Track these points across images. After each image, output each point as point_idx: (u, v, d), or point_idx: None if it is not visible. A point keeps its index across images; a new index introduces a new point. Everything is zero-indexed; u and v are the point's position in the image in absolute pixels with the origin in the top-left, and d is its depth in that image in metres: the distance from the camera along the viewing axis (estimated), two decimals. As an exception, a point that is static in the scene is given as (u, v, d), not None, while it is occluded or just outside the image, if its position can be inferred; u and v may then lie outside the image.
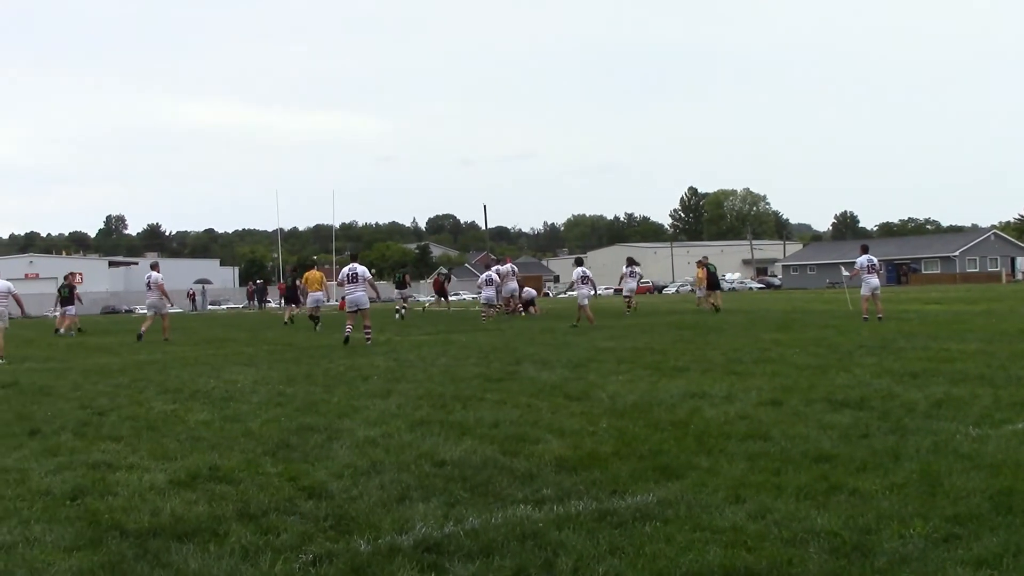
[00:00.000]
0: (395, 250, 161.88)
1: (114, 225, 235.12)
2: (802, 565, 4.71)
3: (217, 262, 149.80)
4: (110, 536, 5.54)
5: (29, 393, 12.98)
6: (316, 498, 6.30)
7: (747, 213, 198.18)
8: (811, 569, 4.66)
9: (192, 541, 5.37)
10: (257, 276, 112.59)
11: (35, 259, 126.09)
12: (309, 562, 4.94)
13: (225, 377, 14.24)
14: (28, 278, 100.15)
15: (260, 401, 11.23)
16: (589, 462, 7.11)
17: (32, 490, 6.79)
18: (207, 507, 6.13)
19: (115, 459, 7.84)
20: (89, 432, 9.35)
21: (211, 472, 7.15)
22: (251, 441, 8.51)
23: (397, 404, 10.57)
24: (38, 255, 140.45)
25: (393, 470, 7.05)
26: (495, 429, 8.69)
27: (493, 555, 4.96)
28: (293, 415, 10.00)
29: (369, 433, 8.66)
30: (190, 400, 11.59)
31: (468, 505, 6.01)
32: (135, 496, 6.50)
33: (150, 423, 9.81)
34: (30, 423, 9.99)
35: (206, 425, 9.55)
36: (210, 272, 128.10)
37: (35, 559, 5.13)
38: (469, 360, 15.87)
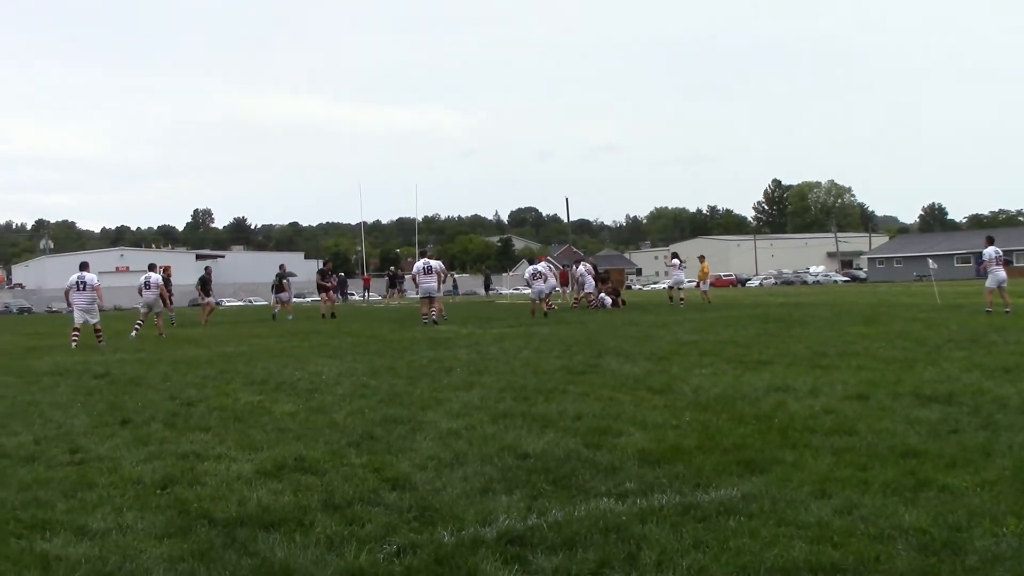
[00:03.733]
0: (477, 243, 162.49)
1: (201, 219, 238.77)
2: (890, 562, 4.64)
3: (302, 255, 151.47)
4: (199, 524, 5.63)
5: (121, 384, 13.23)
6: (400, 489, 6.35)
7: (832, 205, 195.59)
8: (899, 566, 4.59)
9: (278, 530, 5.43)
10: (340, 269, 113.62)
11: (125, 252, 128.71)
12: (393, 553, 4.97)
13: (310, 369, 14.38)
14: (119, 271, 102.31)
15: (345, 393, 11.33)
16: (672, 455, 7.07)
17: (124, 479, 6.92)
18: (293, 497, 6.21)
19: (203, 449, 7.96)
20: (178, 422, 9.52)
21: (297, 463, 7.23)
22: (336, 432, 8.59)
23: (480, 396, 10.60)
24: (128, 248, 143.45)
25: (476, 462, 7.07)
26: (578, 422, 8.68)
27: (576, 548, 4.95)
28: (377, 407, 10.08)
29: (452, 425, 8.70)
30: (276, 391, 11.73)
31: (551, 498, 6.00)
32: (223, 486, 6.60)
33: (237, 414, 9.95)
34: (122, 413, 10.19)
35: (292, 416, 9.66)
36: (294, 265, 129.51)
37: (128, 545, 5.23)
38: (551, 353, 15.86)
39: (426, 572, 4.68)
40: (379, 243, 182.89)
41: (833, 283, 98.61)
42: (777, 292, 61.94)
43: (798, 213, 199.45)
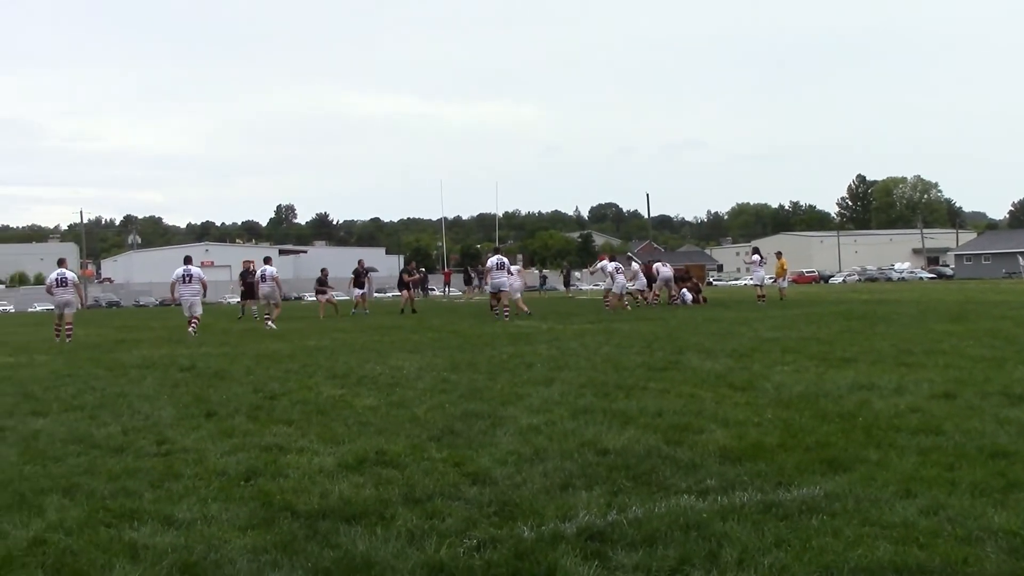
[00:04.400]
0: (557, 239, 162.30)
1: (284, 214, 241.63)
2: (978, 564, 4.55)
3: (383, 250, 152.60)
4: (282, 516, 5.69)
5: (205, 377, 13.43)
6: (480, 484, 6.36)
7: (918, 201, 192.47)
8: (988, 569, 4.50)
9: (360, 523, 5.47)
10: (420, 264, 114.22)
11: (210, 247, 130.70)
12: (473, 547, 4.98)
13: (391, 363, 14.48)
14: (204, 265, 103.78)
15: (425, 387, 11.39)
16: (754, 453, 7.01)
17: (209, 470, 7.03)
18: (374, 491, 6.25)
19: (286, 442, 8.05)
20: (261, 415, 9.64)
21: (378, 456, 7.28)
22: (416, 427, 8.64)
23: (560, 392, 10.59)
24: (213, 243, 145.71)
25: (556, 458, 7.06)
26: (658, 418, 8.64)
27: (656, 545, 4.93)
28: (457, 401, 10.12)
29: (532, 420, 8.70)
30: (357, 386, 11.83)
31: (631, 494, 5.98)
32: (305, 478, 6.67)
33: (319, 407, 10.05)
34: (207, 406, 10.34)
35: (373, 410, 9.74)
36: (376, 260, 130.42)
37: (212, 536, 5.30)
38: (632, 349, 15.81)
39: (506, 567, 4.69)
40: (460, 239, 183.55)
41: (919, 280, 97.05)
42: (861, 289, 61.09)
43: (883, 209, 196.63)
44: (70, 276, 25.62)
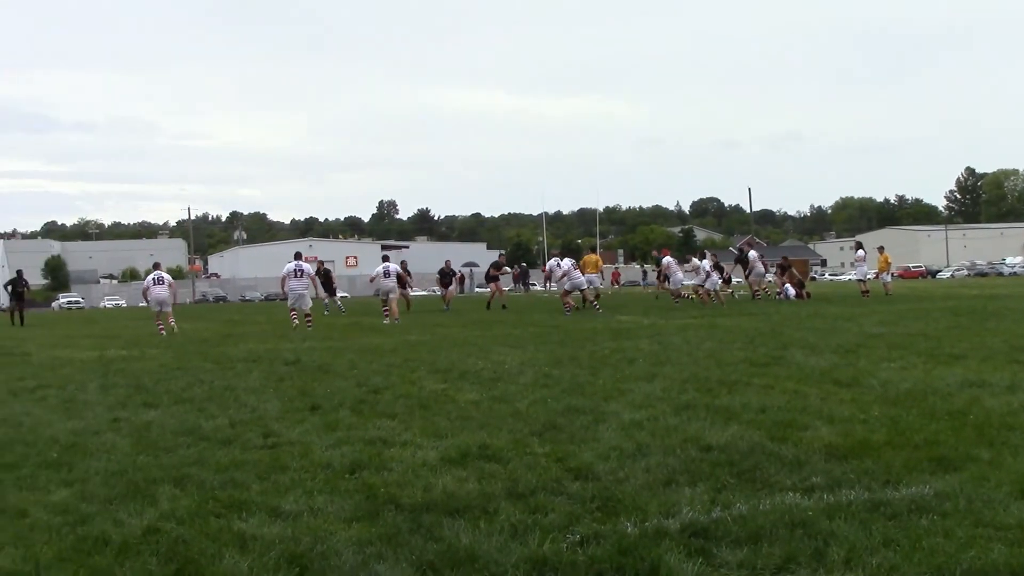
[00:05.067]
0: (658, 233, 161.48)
1: (386, 210, 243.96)
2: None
3: (484, 245, 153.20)
4: (386, 509, 5.74)
5: (310, 371, 13.62)
6: (583, 479, 6.36)
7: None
8: (1107, 572, 4.38)
9: (463, 517, 5.50)
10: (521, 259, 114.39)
11: (314, 243, 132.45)
12: (576, 542, 4.98)
13: (493, 358, 14.53)
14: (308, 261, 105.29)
15: (527, 382, 11.41)
16: (860, 451, 6.89)
17: (314, 463, 7.12)
18: (477, 485, 6.28)
19: (390, 436, 8.13)
20: (365, 409, 9.74)
21: (481, 451, 7.31)
22: (519, 421, 8.66)
23: (662, 387, 10.54)
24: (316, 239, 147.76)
25: (659, 453, 7.03)
26: (762, 415, 8.54)
27: (761, 542, 4.88)
28: (559, 396, 10.12)
29: (634, 416, 8.67)
30: (460, 380, 11.89)
31: (735, 491, 5.93)
32: (409, 472, 6.72)
33: (422, 402, 10.12)
34: (311, 399, 10.48)
35: (475, 405, 9.78)
36: (477, 255, 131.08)
37: (318, 528, 5.38)
38: (735, 344, 15.66)
39: (609, 562, 4.68)
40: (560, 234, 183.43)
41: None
42: (970, 284, 59.77)
43: (993, 202, 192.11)
44: (166, 276, 27.52)
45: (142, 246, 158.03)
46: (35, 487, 6.62)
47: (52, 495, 6.37)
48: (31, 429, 9.09)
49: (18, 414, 10.07)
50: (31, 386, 12.65)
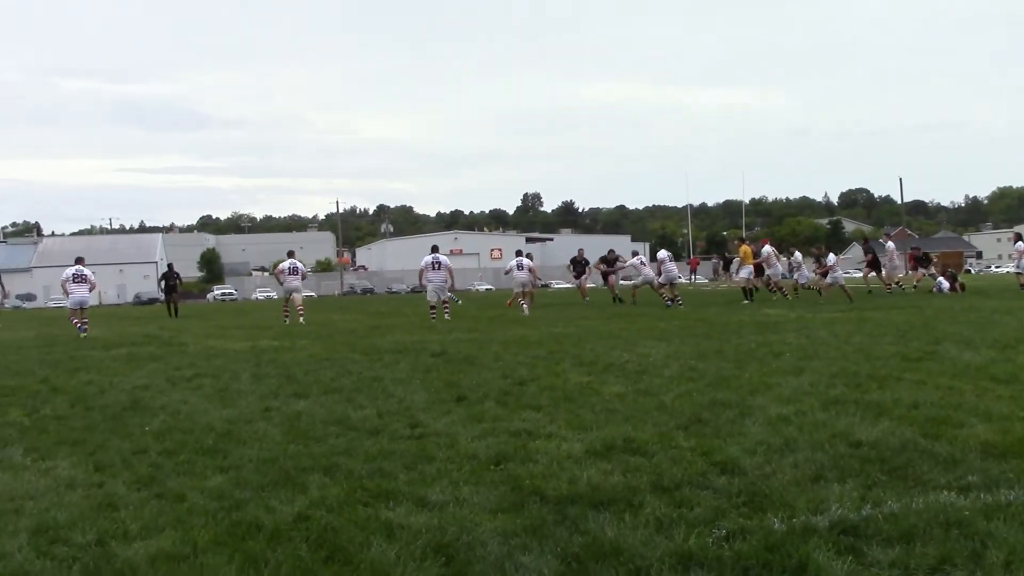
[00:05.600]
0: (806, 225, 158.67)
1: (531, 202, 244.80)
2: None
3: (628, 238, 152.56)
4: (531, 501, 5.77)
5: (456, 362, 13.75)
6: (729, 474, 6.29)
7: None
8: None
9: (608, 510, 5.49)
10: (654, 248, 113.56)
11: (459, 236, 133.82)
12: (722, 537, 4.92)
13: (638, 351, 14.46)
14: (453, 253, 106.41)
15: (672, 375, 11.33)
16: (1020, 449, 6.65)
17: (460, 454, 7.19)
18: (622, 478, 6.26)
19: (535, 427, 8.16)
20: (510, 401, 9.79)
21: (625, 444, 7.29)
22: (664, 415, 8.60)
23: (810, 382, 10.35)
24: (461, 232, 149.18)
25: (807, 449, 6.91)
26: (914, 411, 8.32)
27: (914, 541, 4.75)
28: (705, 390, 10.02)
29: (782, 410, 8.53)
30: (604, 373, 11.87)
31: (886, 488, 5.78)
32: (553, 464, 6.73)
33: (567, 394, 10.13)
34: (457, 390, 10.58)
35: (620, 398, 9.75)
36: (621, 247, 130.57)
37: (464, 518, 5.42)
38: (885, 338, 15.29)
39: (756, 559, 4.61)
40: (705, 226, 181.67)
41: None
42: None
43: None
44: (300, 266, 28.59)
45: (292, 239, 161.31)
46: (192, 473, 6.83)
47: (208, 481, 6.56)
48: (188, 417, 9.38)
49: (176, 402, 10.39)
50: (188, 375, 13.05)
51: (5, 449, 7.92)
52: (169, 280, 38.97)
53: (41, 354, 18.02)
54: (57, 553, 4.99)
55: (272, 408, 9.77)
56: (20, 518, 5.73)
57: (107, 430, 8.74)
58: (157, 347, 18.93)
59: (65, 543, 5.18)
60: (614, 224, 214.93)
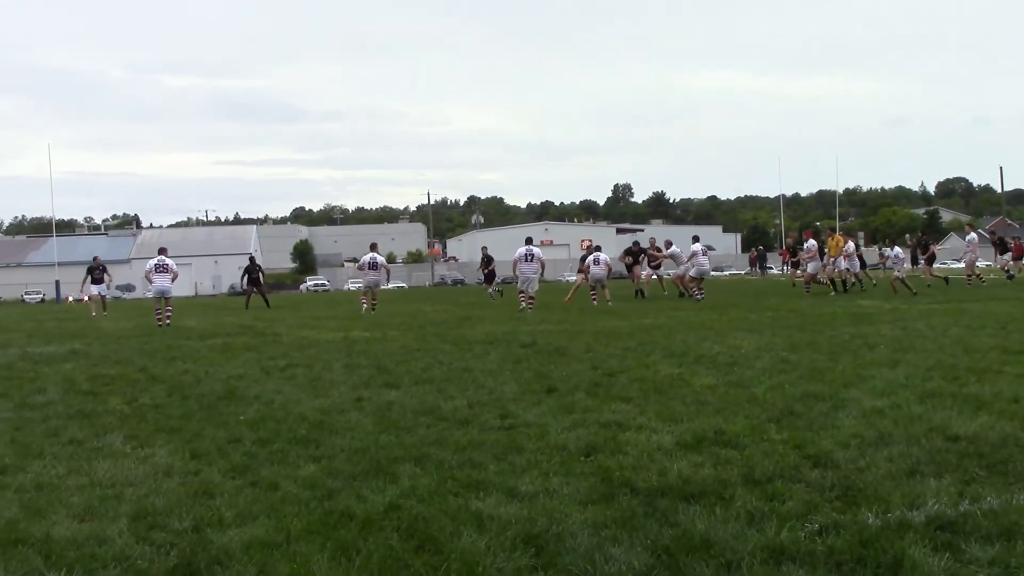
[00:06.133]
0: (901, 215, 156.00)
1: (621, 193, 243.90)
2: None
3: (719, 228, 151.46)
4: (621, 493, 5.75)
5: (546, 353, 13.75)
6: (821, 467, 6.20)
7: None
8: None
9: (699, 503, 5.45)
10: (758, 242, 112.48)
11: (550, 226, 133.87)
12: (815, 531, 4.86)
13: (729, 342, 14.35)
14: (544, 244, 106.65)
15: (764, 367, 11.22)
16: (1125, 445, 6.48)
17: (550, 444, 7.19)
18: (713, 470, 6.22)
19: (625, 419, 8.13)
20: (600, 392, 9.77)
21: (716, 436, 7.23)
22: (755, 407, 8.52)
23: (905, 375, 10.18)
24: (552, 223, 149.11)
25: (902, 443, 6.79)
26: (1015, 405, 8.13)
27: (1015, 539, 4.64)
28: (797, 382, 9.91)
29: (876, 403, 8.41)
30: (695, 364, 11.79)
31: (985, 484, 5.66)
32: (644, 456, 6.70)
33: (657, 386, 10.08)
34: (547, 381, 10.58)
35: (711, 389, 9.68)
36: (713, 238, 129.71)
37: (554, 509, 5.42)
38: (984, 331, 14.98)
39: (849, 553, 4.55)
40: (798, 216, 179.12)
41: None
42: None
43: None
44: (380, 260, 29.15)
45: (384, 230, 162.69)
46: (286, 462, 6.92)
47: (301, 470, 6.64)
48: (281, 406, 9.50)
49: (270, 392, 10.54)
50: (281, 365, 13.22)
51: (106, 436, 8.09)
52: (251, 272, 38.98)
53: (140, 344, 18.38)
54: (156, 539, 5.09)
55: (364, 398, 9.86)
56: (121, 504, 5.86)
57: (203, 419, 8.90)
58: (251, 337, 19.20)
59: (163, 529, 5.28)
60: (705, 215, 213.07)
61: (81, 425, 8.74)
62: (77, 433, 8.29)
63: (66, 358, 15.51)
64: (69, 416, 9.26)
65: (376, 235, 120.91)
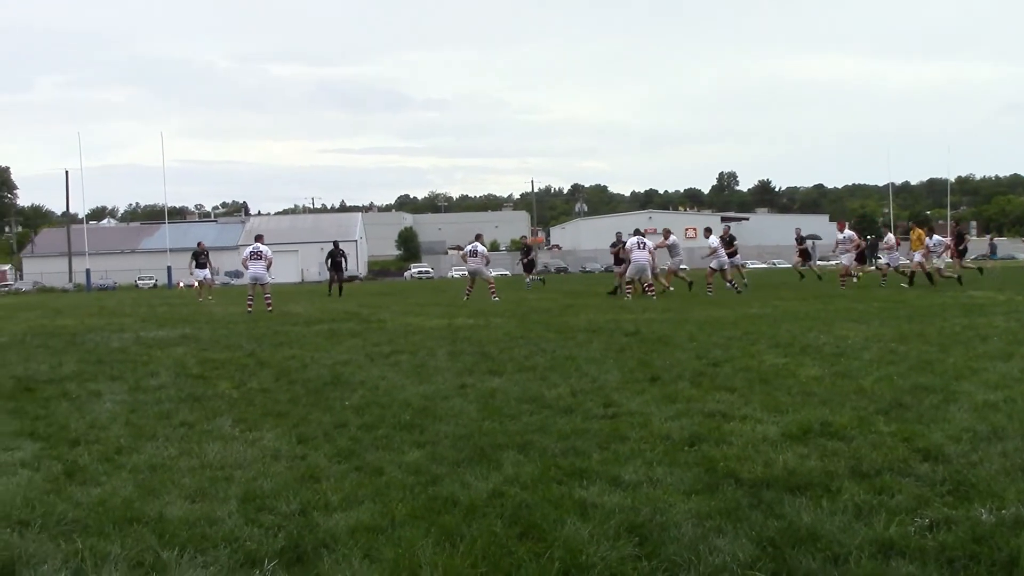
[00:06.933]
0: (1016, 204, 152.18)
1: (726, 182, 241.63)
2: None
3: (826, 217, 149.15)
4: (725, 483, 5.70)
5: (649, 342, 13.69)
6: (932, 461, 6.08)
7: None
8: None
9: (804, 494, 5.38)
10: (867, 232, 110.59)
11: (653, 215, 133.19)
12: (925, 527, 4.77)
13: (835, 333, 14.15)
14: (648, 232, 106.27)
15: (872, 358, 11.04)
16: None
17: (654, 434, 7.16)
18: (819, 462, 6.13)
19: (729, 409, 8.06)
20: (704, 382, 9.70)
21: (823, 427, 7.13)
22: (863, 398, 8.39)
23: (1020, 368, 9.93)
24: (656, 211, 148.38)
25: (1017, 438, 6.62)
26: None
27: None
28: (906, 374, 9.73)
29: (989, 397, 8.22)
30: (801, 354, 11.64)
31: (1105, 481, 5.51)
32: (748, 446, 6.64)
33: (762, 376, 9.98)
34: (651, 370, 10.53)
35: (817, 380, 9.55)
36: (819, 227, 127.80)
37: (657, 499, 5.40)
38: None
39: (962, 550, 4.45)
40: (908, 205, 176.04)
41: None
42: None
43: None
44: (480, 249, 29.71)
45: (487, 218, 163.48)
46: (390, 447, 6.98)
47: (406, 455, 6.70)
48: (386, 392, 9.60)
49: (375, 378, 10.65)
50: (386, 351, 13.35)
51: (216, 420, 8.26)
52: (335, 257, 38.54)
53: (248, 329, 18.71)
54: (264, 521, 5.18)
55: (467, 385, 9.91)
56: (230, 486, 5.97)
57: (309, 403, 9.03)
58: (357, 324, 19.42)
59: (271, 511, 5.37)
60: (812, 203, 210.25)
61: (192, 408, 8.93)
62: (188, 416, 8.48)
63: (177, 342, 15.86)
64: (180, 399, 9.47)
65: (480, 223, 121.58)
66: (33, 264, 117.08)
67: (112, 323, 22.04)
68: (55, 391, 10.22)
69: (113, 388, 10.39)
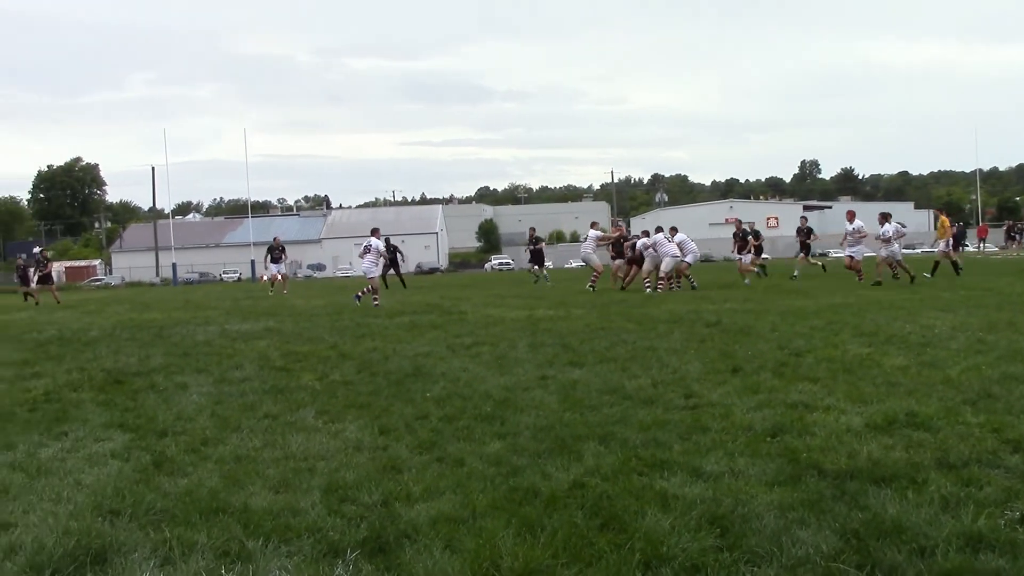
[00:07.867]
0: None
1: (808, 170, 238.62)
2: None
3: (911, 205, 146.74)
4: (808, 474, 5.65)
5: (731, 333, 13.59)
6: (1022, 452, 5.98)
7: None
8: None
9: (889, 486, 5.32)
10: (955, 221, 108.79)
11: (734, 204, 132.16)
12: (1016, 519, 4.69)
13: (921, 322, 13.93)
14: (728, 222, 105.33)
15: (959, 348, 10.85)
16: None
17: (735, 425, 7.12)
18: (904, 453, 6.05)
19: (812, 400, 7.98)
20: (787, 372, 9.61)
21: (908, 418, 7.04)
22: (950, 389, 8.25)
23: (1113, 357, 9.71)
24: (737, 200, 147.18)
25: (1110, 428, 6.49)
26: None
27: None
28: (995, 364, 9.55)
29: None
30: (885, 344, 11.48)
31: None
32: (832, 437, 6.57)
33: (845, 366, 9.86)
34: (732, 361, 10.46)
35: (902, 370, 9.42)
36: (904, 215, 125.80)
37: (739, 490, 5.37)
38: None
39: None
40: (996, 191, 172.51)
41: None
42: None
43: None
44: (593, 234, 30.21)
45: (568, 209, 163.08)
46: (471, 438, 7.02)
47: (487, 447, 6.73)
48: (467, 384, 9.64)
49: (456, 369, 10.70)
50: (467, 343, 13.40)
51: (299, 411, 8.36)
52: (389, 253, 37.01)
53: (330, 321, 18.89)
54: (346, 511, 5.24)
55: (548, 376, 9.92)
56: (313, 476, 6.05)
57: (391, 395, 9.11)
58: (438, 316, 19.51)
59: (353, 502, 5.43)
60: (896, 191, 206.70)
61: (275, 400, 9.05)
62: (272, 408, 8.60)
63: (261, 335, 16.07)
64: (264, 391, 9.60)
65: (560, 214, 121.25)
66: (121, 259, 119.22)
67: (197, 316, 22.39)
68: (143, 383, 10.43)
69: (199, 380, 10.57)
